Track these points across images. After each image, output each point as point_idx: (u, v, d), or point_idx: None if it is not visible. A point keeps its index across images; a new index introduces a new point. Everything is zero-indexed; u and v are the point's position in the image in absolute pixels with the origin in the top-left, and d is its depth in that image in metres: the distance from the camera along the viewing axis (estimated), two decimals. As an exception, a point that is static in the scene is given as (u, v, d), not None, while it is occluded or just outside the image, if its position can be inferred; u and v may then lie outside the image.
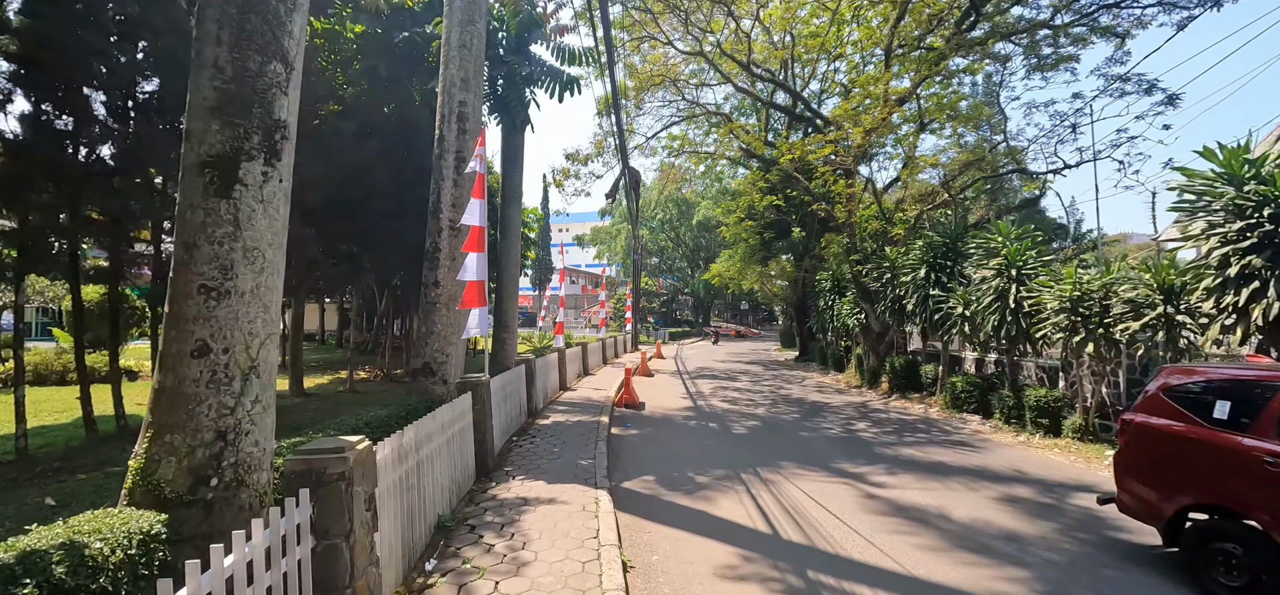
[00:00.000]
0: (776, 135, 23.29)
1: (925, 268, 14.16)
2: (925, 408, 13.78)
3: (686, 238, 52.55)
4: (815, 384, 18.14)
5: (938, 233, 14.63)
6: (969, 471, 8.33)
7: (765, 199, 22.27)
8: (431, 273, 8.56)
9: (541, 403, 11.97)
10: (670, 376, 19.72)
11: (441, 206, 8.63)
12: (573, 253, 76.22)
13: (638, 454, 8.76)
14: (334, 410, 9.91)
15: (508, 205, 13.37)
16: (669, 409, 12.87)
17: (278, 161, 3.81)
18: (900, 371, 15.57)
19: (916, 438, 10.57)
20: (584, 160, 23.41)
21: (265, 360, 3.72)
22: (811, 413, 12.91)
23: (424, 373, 8.40)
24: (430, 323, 8.47)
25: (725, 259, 29.55)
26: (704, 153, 29.74)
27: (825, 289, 20.99)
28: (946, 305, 13.25)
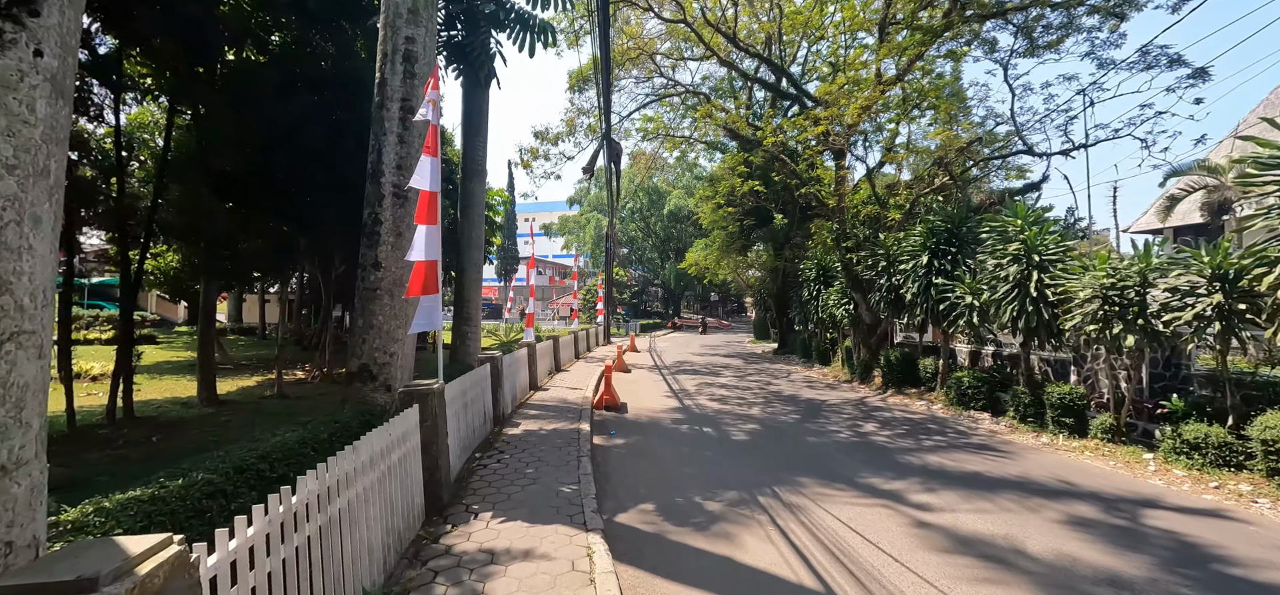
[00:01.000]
0: (758, 117, 21.96)
1: (928, 254, 13.04)
2: (928, 405, 12.69)
3: (657, 228, 51.09)
4: (803, 379, 16.95)
5: (939, 217, 13.54)
6: (1013, 485, 7.12)
7: (747, 183, 20.93)
8: (370, 251, 6.77)
9: (510, 407, 10.27)
10: (648, 372, 18.22)
11: (383, 168, 6.84)
12: (540, 243, 73.78)
13: (629, 471, 7.21)
14: (247, 424, 8.00)
15: (470, 179, 11.55)
16: (655, 411, 11.35)
17: (30, 19, 2.07)
18: (896, 366, 14.49)
19: (933, 441, 9.38)
20: (554, 139, 21.57)
21: (8, 381, 2.00)
22: (811, 413, 11.62)
23: (361, 377, 6.62)
24: (369, 314, 6.69)
25: (701, 248, 28.20)
26: (679, 137, 28.29)
27: (810, 278, 19.84)
28: (953, 295, 12.16)
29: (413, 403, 5.30)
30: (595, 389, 13.24)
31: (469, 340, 11.47)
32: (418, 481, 5.14)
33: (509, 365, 10.39)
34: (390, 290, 6.72)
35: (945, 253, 12.94)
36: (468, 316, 11.52)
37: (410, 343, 6.99)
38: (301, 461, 4.38)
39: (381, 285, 6.71)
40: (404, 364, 6.85)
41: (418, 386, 5.46)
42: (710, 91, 22.73)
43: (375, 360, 6.63)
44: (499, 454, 7.48)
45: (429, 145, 6.20)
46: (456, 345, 11.48)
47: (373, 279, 6.71)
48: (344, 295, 13.16)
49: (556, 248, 62.40)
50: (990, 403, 11.76)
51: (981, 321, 11.84)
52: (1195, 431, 7.94)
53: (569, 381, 14.63)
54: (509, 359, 10.51)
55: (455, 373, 9.50)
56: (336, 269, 12.59)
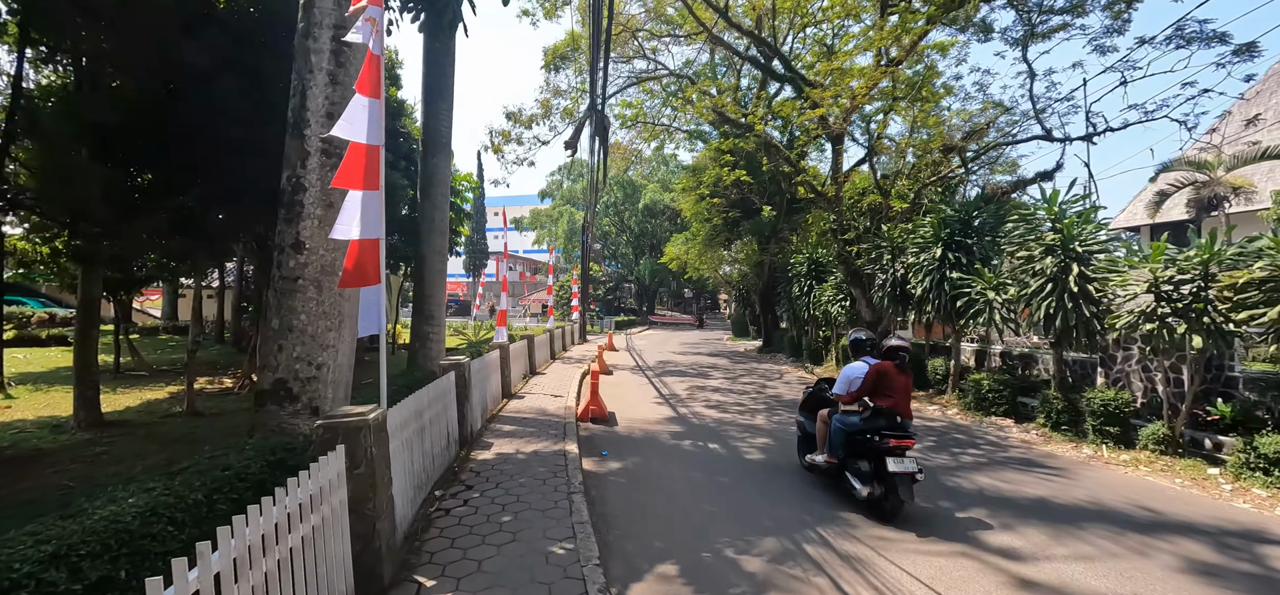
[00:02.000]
0: (745, 104, 20.61)
1: (941, 246, 11.88)
2: (942, 410, 11.54)
3: (632, 223, 49.55)
4: (798, 380, 15.69)
5: (951, 206, 12.41)
6: (1093, 515, 5.89)
7: (733, 173, 19.57)
8: (289, 228, 5.02)
9: (480, 422, 8.58)
10: (631, 373, 16.68)
11: (308, 117, 5.09)
12: (511, 238, 71.34)
13: (635, 512, 5.65)
14: (131, 456, 6.05)
15: (431, 153, 9.75)
16: (648, 422, 9.82)
17: None
18: (902, 366, 13.30)
19: (971, 456, 8.15)
20: (528, 122, 19.77)
21: None
22: (822, 421, 10.27)
23: (277, 397, 4.88)
24: (288, 313, 4.95)
25: (682, 241, 26.79)
26: (658, 126, 26.77)
27: (800, 273, 18.62)
28: (972, 290, 11.01)
29: (337, 441, 3.62)
30: (578, 396, 11.62)
31: (430, 342, 9.69)
32: (343, 559, 3.47)
33: (478, 372, 8.68)
34: (317, 280, 4.98)
35: (960, 244, 11.81)
36: (429, 314, 9.73)
37: (347, 349, 5.26)
38: (137, 551, 2.68)
39: (305, 274, 4.96)
40: (337, 378, 5.12)
41: (347, 417, 3.78)
42: (694, 76, 21.23)
43: (296, 374, 4.89)
44: (466, 491, 5.81)
45: (367, 80, 4.50)
46: (415, 348, 9.69)
47: (293, 265, 4.96)
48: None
49: (528, 242, 60.16)
50: (1012, 408, 10.67)
51: (1005, 320, 10.73)
52: (1274, 445, 6.86)
53: (547, 386, 12.95)
54: (478, 364, 8.80)
55: (412, 386, 7.76)
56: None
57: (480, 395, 8.86)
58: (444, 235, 9.97)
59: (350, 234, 4.42)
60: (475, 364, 8.64)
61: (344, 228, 4.42)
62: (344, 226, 4.42)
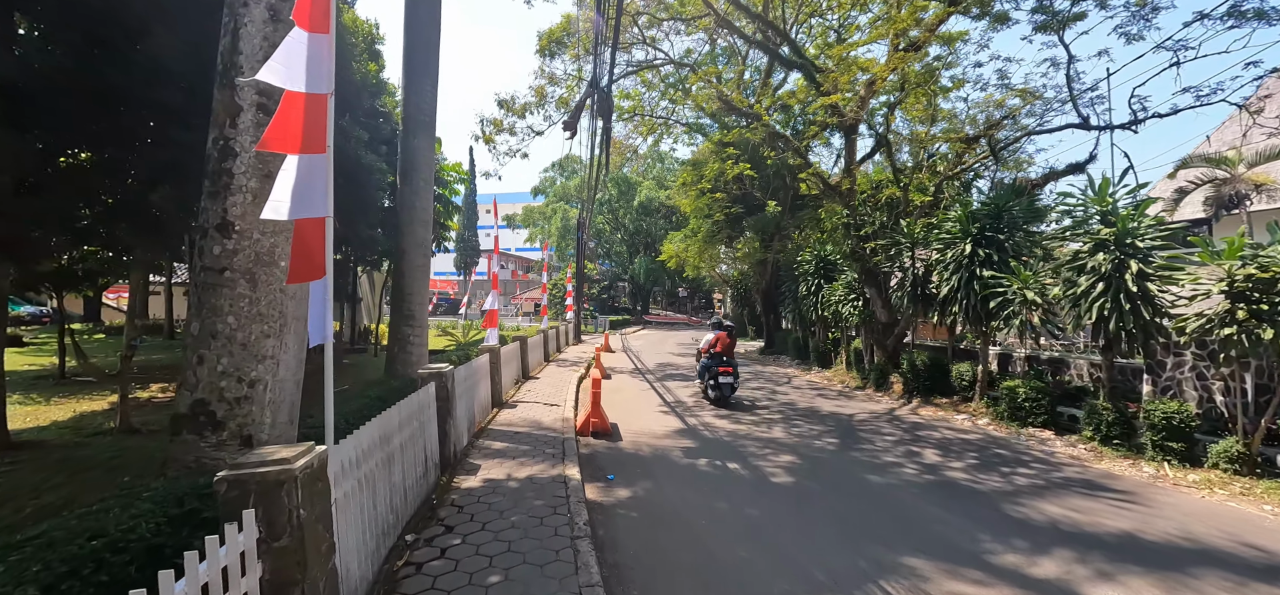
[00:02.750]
0: (750, 94, 19.57)
1: (970, 242, 10.90)
2: (971, 419, 10.56)
3: (626, 221, 48.41)
4: (808, 385, 14.68)
5: (980, 198, 11.45)
6: (1194, 556, 4.93)
7: (737, 166, 18.51)
8: (215, 204, 3.89)
9: (465, 437, 7.45)
10: (631, 377, 15.59)
11: (240, 61, 3.97)
12: (503, 235, 69.82)
13: (654, 561, 4.56)
14: (32, 489, 4.83)
15: (413, 133, 8.59)
16: (655, 436, 8.74)
17: None
18: (923, 371, 12.34)
19: (1023, 477, 7.15)
20: (521, 111, 18.56)
21: None
22: (846, 434, 9.26)
23: (196, 424, 3.75)
24: (211, 314, 3.82)
25: (680, 239, 25.70)
26: (656, 120, 25.68)
27: (807, 271, 17.62)
28: (1007, 289, 10.04)
29: (248, 502, 2.50)
30: (576, 404, 10.51)
31: (411, 345, 8.54)
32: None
33: (464, 381, 7.55)
34: (249, 272, 3.85)
35: (992, 239, 10.83)
36: (409, 314, 8.58)
37: (292, 361, 4.13)
38: None
39: (234, 263, 3.84)
40: (278, 398, 3.99)
41: (263, 466, 2.65)
42: (695, 66, 20.13)
43: (221, 393, 3.76)
44: (444, 535, 4.69)
45: (308, 9, 3.39)
46: (394, 353, 8.54)
47: (218, 253, 3.83)
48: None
49: (520, 240, 58.83)
50: (1052, 418, 9.71)
51: (1045, 321, 9.77)
52: (1381, 468, 5.90)
53: (541, 392, 11.82)
54: (464, 371, 7.67)
55: (386, 397, 6.62)
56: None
57: (467, 407, 7.73)
58: (427, 226, 8.82)
59: (283, 212, 3.30)
60: (461, 371, 7.52)
61: (277, 204, 3.31)
62: (278, 202, 3.31)
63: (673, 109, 25.73)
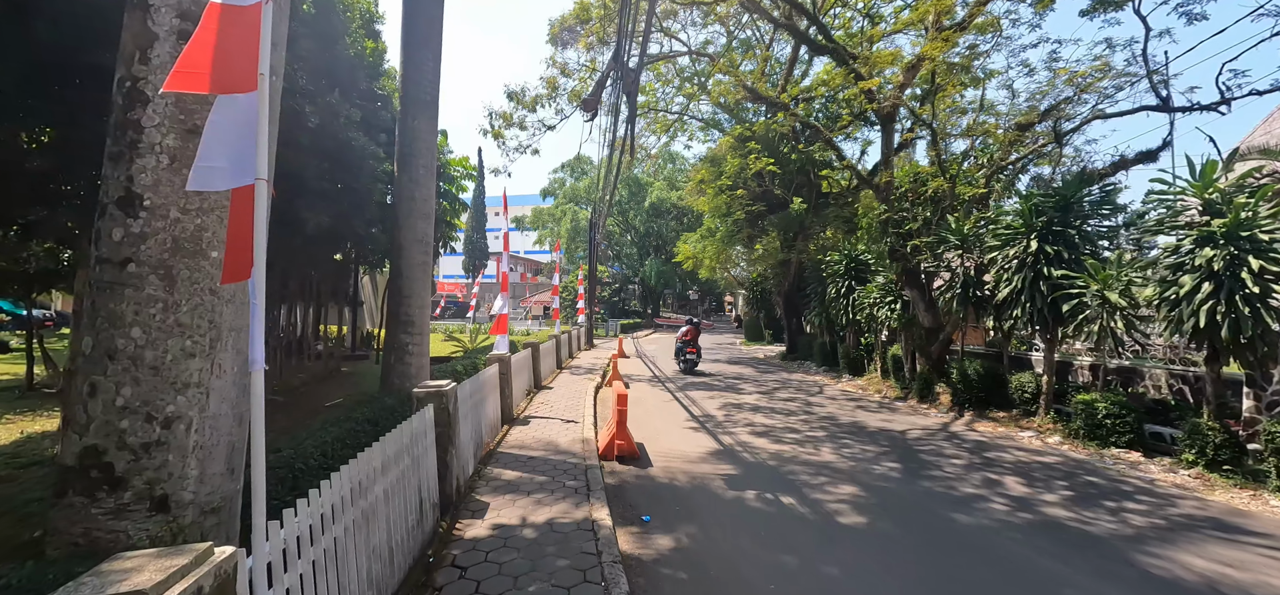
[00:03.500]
0: (773, 84, 18.36)
1: (1035, 238, 9.64)
2: (1040, 437, 9.29)
3: (637, 223, 47.25)
4: (842, 395, 13.43)
5: (1043, 190, 10.20)
6: None
7: (760, 161, 17.32)
8: (118, 170, 2.75)
9: (470, 466, 6.31)
10: (650, 386, 14.41)
11: (152, -28, 2.82)
12: (511, 238, 68.90)
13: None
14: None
15: (412, 114, 7.48)
16: (689, 459, 7.56)
17: None
18: (975, 381, 11.08)
19: (1137, 513, 5.92)
20: (532, 103, 17.47)
21: None
22: (905, 456, 8.03)
23: (85, 480, 2.60)
24: (108, 325, 2.68)
25: (697, 239, 24.51)
26: (669, 117, 24.58)
27: (837, 272, 16.36)
28: (1085, 291, 8.79)
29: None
30: (595, 420, 9.35)
31: (409, 355, 7.41)
32: None
33: (469, 398, 6.42)
34: (165, 266, 2.74)
35: (1060, 234, 9.57)
36: (407, 320, 7.45)
37: (228, 388, 3.00)
38: None
39: (142, 254, 2.72)
40: (209, 441, 2.85)
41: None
42: (714, 56, 18.95)
43: (121, 437, 2.64)
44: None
45: None
46: (390, 364, 7.41)
47: (118, 239, 2.71)
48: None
49: (529, 243, 57.83)
50: (1139, 438, 8.43)
51: (1130, 327, 8.50)
52: None
53: (556, 405, 10.67)
54: (470, 387, 6.54)
55: (376, 419, 5.52)
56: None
57: (473, 428, 6.59)
58: (428, 219, 7.70)
59: (216, 181, 2.18)
60: (467, 387, 6.38)
61: (208, 171, 2.19)
62: (208, 169, 2.19)
63: (687, 105, 24.64)
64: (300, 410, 8.51)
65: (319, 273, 10.80)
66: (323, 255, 9.44)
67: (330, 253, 9.14)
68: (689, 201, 37.22)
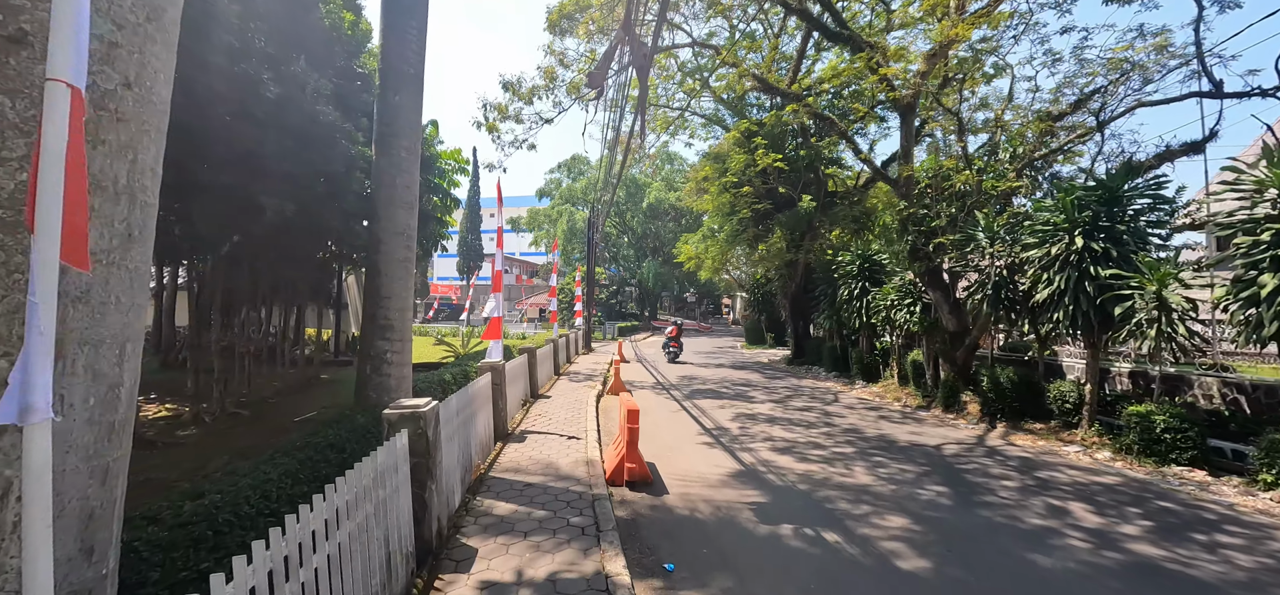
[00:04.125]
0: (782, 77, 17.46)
1: (1080, 234, 8.77)
2: (1086, 452, 8.41)
3: (634, 224, 46.34)
4: (860, 403, 12.52)
5: (1084, 185, 9.35)
6: None
7: (768, 157, 16.44)
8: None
9: (457, 497, 5.34)
10: (654, 394, 13.47)
11: None
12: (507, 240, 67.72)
13: None
14: None
15: (393, 90, 6.51)
16: (708, 483, 6.61)
17: None
18: (1008, 390, 10.20)
19: (1238, 551, 5.06)
20: (528, 95, 16.53)
21: None
22: (950, 478, 7.11)
23: None
24: None
25: (699, 239, 23.61)
26: (670, 113, 23.69)
27: (850, 273, 15.46)
28: (1140, 292, 7.92)
29: None
30: (599, 436, 8.38)
31: (387, 366, 6.41)
32: None
33: (456, 417, 5.45)
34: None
35: (1106, 231, 8.70)
36: (386, 324, 6.45)
37: (76, 432, 1.99)
38: None
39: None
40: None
41: None
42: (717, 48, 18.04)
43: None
44: None
45: None
46: (365, 376, 6.41)
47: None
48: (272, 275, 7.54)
49: (525, 245, 56.76)
50: (1203, 455, 7.56)
51: (1194, 333, 7.63)
52: None
53: (555, 416, 9.70)
54: (457, 402, 5.58)
55: (340, 445, 4.54)
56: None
57: (460, 450, 5.62)
58: (410, 210, 6.71)
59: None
60: (454, 402, 5.42)
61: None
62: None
63: (688, 102, 23.75)
64: (265, 426, 7.52)
65: (297, 271, 9.75)
66: (299, 250, 8.42)
67: (306, 248, 8.13)
68: (688, 202, 36.28)
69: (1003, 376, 10.32)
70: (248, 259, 8.44)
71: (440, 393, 8.03)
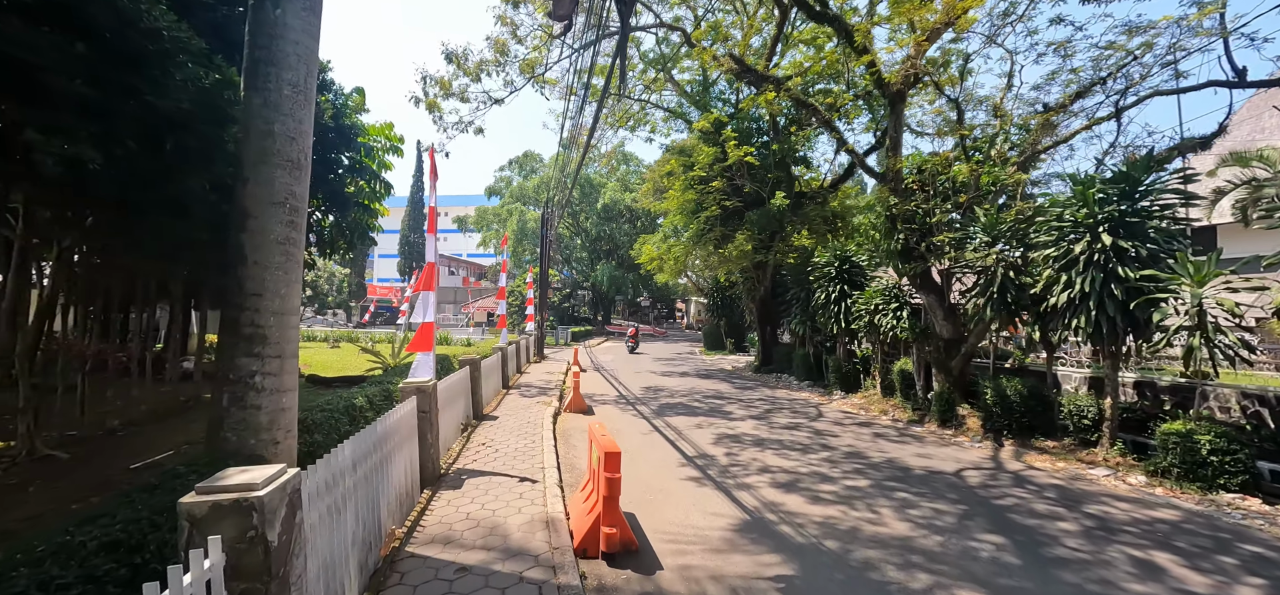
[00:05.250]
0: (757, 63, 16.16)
1: (1105, 231, 7.75)
2: (1117, 476, 7.36)
3: (588, 225, 44.38)
4: (846, 417, 11.25)
5: (1104, 177, 8.40)
6: None
7: (741, 149, 15.11)
8: None
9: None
10: (618, 409, 11.74)
11: None
12: (453, 240, 63.97)
13: None
14: None
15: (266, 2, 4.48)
16: (710, 545, 4.96)
17: None
18: (1015, 404, 9.14)
19: None
20: (476, 71, 14.44)
21: None
22: (997, 521, 5.78)
23: None
24: None
25: (661, 239, 22.07)
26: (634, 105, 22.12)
27: (828, 274, 14.31)
28: (1176, 294, 6.94)
29: None
30: (560, 476, 6.54)
31: (257, 396, 4.36)
32: None
33: (346, 479, 3.55)
34: None
35: (1132, 228, 7.73)
36: (256, 334, 4.41)
37: None
38: None
39: None
40: None
41: None
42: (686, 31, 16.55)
43: None
44: None
45: None
46: (223, 412, 4.33)
47: None
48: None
49: (471, 245, 53.59)
50: (1254, 480, 6.61)
51: (1243, 340, 6.68)
52: None
53: (502, 446, 7.79)
54: (353, 454, 3.68)
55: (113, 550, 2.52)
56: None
57: (358, 526, 3.69)
58: (296, 172, 4.70)
59: None
60: (346, 454, 3.52)
61: None
62: None
63: (647, 99, 22.23)
64: (86, 476, 5.24)
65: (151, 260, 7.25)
66: (139, 233, 5.97)
67: (155, 227, 5.75)
68: (645, 203, 34.82)
69: (1009, 388, 9.25)
70: (58, 237, 6.05)
71: (348, 423, 5.98)
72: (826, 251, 14.69)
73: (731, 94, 20.36)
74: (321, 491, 3.18)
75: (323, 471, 3.29)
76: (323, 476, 3.26)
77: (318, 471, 3.19)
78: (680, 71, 21.64)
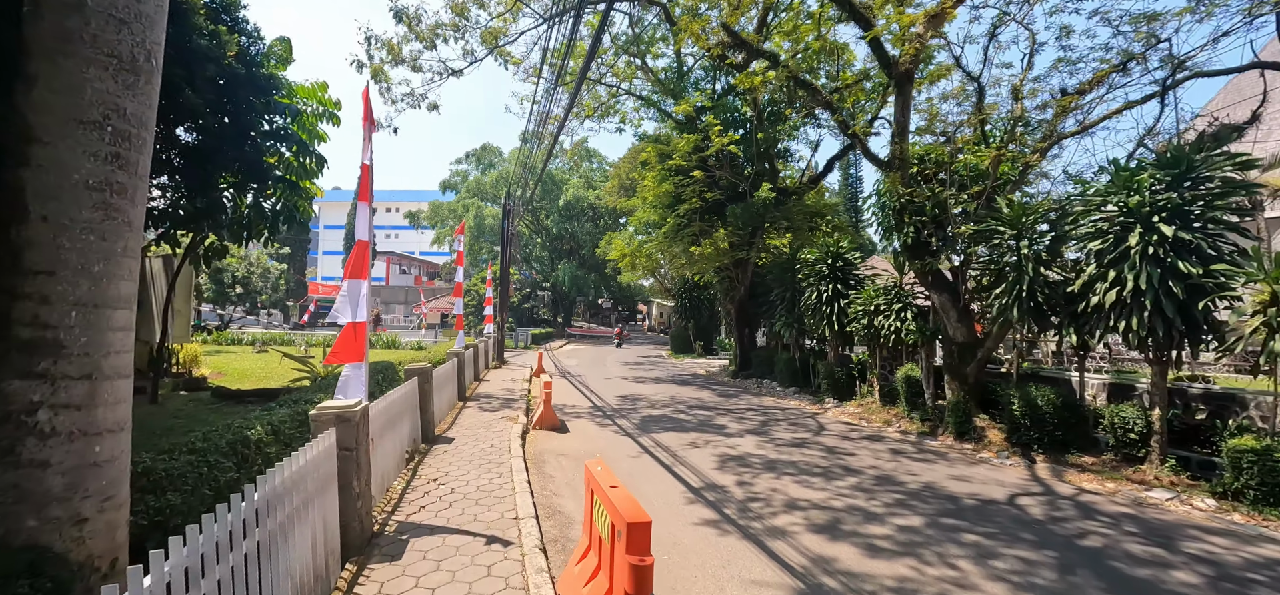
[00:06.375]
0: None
1: (1162, 221, 6.80)
2: (1180, 499, 6.40)
3: (549, 224, 42.33)
4: (851, 429, 10.07)
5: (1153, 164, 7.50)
6: None
7: (725, 136, 13.81)
8: None
9: None
10: (594, 423, 10.14)
11: None
12: (406, 237, 60.20)
13: None
14: None
15: None
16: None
17: None
18: (1050, 417, 8.13)
19: None
20: (430, 36, 12.50)
21: None
22: (1103, 573, 4.55)
23: None
24: None
25: (630, 236, 20.55)
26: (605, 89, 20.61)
27: (819, 273, 13.18)
28: (1249, 295, 6.03)
29: None
30: (538, 522, 4.90)
31: (41, 447, 2.58)
32: None
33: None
34: None
35: (1183, 217, 6.83)
36: (39, 340, 2.63)
37: None
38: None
39: None
40: None
41: None
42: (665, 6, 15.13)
43: None
44: None
45: None
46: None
47: None
48: None
49: (424, 243, 50.43)
50: (1341, 503, 5.75)
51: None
52: None
53: (458, 483, 6.07)
54: (204, 544, 1.90)
55: None
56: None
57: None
58: (129, 77, 2.91)
59: None
60: (182, 559, 1.77)
61: None
62: None
63: (618, 87, 20.75)
64: None
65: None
66: None
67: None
68: (610, 201, 33.26)
69: (1039, 398, 8.25)
70: None
71: (234, 467, 4.14)
72: (815, 250, 13.56)
73: (708, 84, 19.15)
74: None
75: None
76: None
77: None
78: (654, 57, 20.28)
